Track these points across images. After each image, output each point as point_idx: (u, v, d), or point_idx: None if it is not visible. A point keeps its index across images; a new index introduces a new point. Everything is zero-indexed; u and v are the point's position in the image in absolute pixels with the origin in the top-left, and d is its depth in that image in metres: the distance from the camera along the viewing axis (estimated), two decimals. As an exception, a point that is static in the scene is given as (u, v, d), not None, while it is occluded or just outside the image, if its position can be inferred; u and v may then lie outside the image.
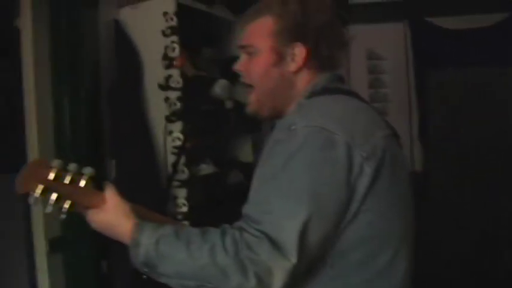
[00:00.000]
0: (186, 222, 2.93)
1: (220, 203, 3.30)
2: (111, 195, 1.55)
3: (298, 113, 1.58)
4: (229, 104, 3.32)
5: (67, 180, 1.47)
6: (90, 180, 1.51)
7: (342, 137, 1.48)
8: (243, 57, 1.77)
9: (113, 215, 1.54)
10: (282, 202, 1.44)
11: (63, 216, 1.50)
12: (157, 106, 2.99)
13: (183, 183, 2.94)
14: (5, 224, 2.81)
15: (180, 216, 2.94)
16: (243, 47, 1.77)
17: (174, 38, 2.96)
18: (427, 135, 4.50)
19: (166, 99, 2.96)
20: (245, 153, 3.82)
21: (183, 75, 2.98)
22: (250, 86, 1.77)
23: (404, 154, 1.71)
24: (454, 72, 4.57)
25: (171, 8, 2.97)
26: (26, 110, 2.70)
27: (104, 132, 2.99)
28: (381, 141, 1.55)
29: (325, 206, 1.46)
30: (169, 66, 2.96)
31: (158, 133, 2.99)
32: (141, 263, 1.48)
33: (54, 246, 2.66)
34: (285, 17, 1.70)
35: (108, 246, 2.84)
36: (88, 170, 1.51)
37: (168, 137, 2.96)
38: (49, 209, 1.47)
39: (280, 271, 1.40)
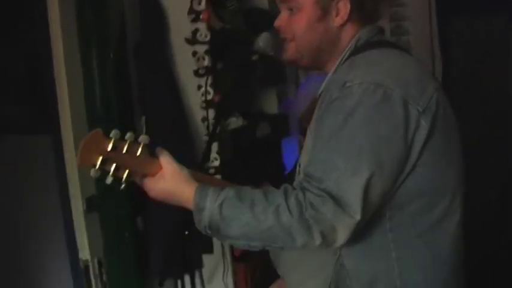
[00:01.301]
0: (218, 176, 2.93)
1: (250, 156, 3.29)
2: (167, 161, 1.54)
3: (351, 70, 1.57)
4: (255, 56, 3.30)
5: (124, 149, 1.46)
6: (146, 147, 1.49)
7: (398, 92, 1.49)
8: (284, 13, 1.73)
9: (172, 181, 1.53)
10: (343, 160, 1.44)
11: (123, 185, 1.49)
12: (185, 61, 2.96)
13: (214, 137, 2.92)
14: (40, 184, 2.82)
15: (212, 171, 2.94)
16: (284, 1, 1.72)
17: (200, -10, 2.91)
18: (451, 84, 4.44)
19: (194, 53, 2.93)
20: (270, 105, 3.79)
21: (210, 28, 2.94)
22: (291, 41, 1.73)
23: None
24: (478, 20, 4.47)
25: (195, -40, 2.90)
26: (54, 70, 2.67)
27: (132, 89, 2.97)
28: (434, 95, 1.55)
29: (385, 161, 1.47)
30: (195, 19, 2.91)
31: (187, 88, 2.97)
32: (206, 226, 1.49)
33: (90, 205, 2.67)
34: None
35: (143, 203, 2.85)
36: (143, 138, 1.49)
37: (197, 91, 2.95)
38: (109, 180, 1.47)
39: (344, 228, 1.43)
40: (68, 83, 2.66)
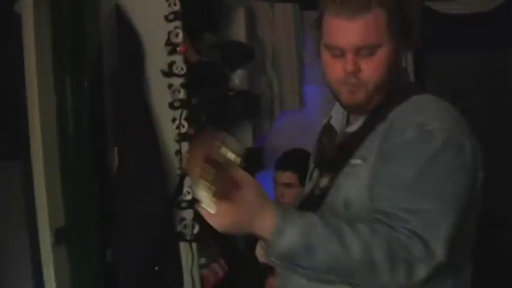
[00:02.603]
0: (190, 210, 2.90)
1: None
2: (246, 177, 1.37)
3: (423, 112, 1.58)
4: (231, 92, 3.29)
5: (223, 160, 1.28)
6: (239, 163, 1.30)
7: (470, 141, 1.55)
8: (355, 57, 1.57)
9: (253, 202, 1.36)
10: (431, 203, 1.46)
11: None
12: (160, 93, 2.93)
13: (187, 172, 2.89)
14: (6, 214, 2.76)
15: (184, 204, 2.90)
16: (365, 48, 1.56)
17: (177, 23, 2.89)
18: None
19: (170, 85, 2.91)
20: (245, 139, 3.76)
21: (186, 61, 2.92)
22: (361, 85, 1.61)
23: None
24: (452, 57, 4.56)
25: (174, -8, 2.89)
26: (28, 97, 2.63)
27: (106, 119, 2.93)
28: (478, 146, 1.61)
29: (464, 206, 1.51)
30: (172, 52, 2.90)
31: (161, 120, 2.94)
32: (280, 253, 1.38)
33: (59, 237, 2.60)
34: (393, 9, 1.57)
35: (112, 235, 2.80)
36: (242, 151, 1.32)
37: (172, 124, 2.92)
38: (209, 196, 1.29)
39: (427, 269, 1.44)
40: (40, 109, 2.62)
